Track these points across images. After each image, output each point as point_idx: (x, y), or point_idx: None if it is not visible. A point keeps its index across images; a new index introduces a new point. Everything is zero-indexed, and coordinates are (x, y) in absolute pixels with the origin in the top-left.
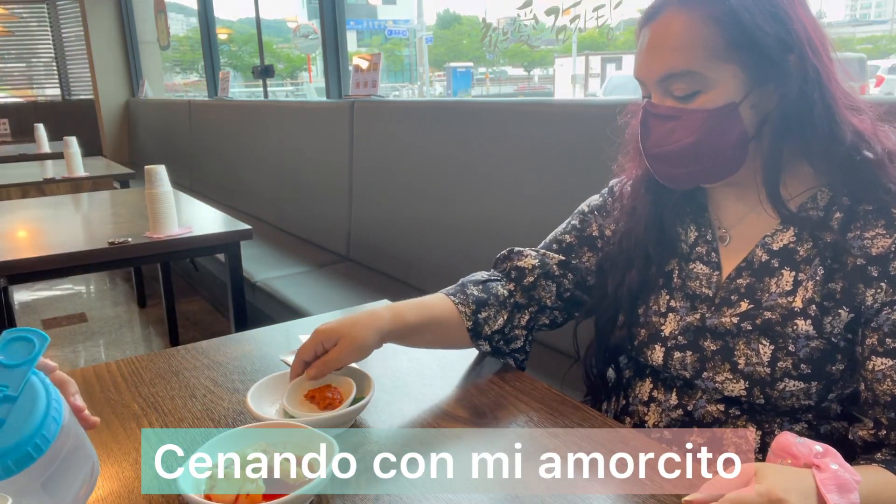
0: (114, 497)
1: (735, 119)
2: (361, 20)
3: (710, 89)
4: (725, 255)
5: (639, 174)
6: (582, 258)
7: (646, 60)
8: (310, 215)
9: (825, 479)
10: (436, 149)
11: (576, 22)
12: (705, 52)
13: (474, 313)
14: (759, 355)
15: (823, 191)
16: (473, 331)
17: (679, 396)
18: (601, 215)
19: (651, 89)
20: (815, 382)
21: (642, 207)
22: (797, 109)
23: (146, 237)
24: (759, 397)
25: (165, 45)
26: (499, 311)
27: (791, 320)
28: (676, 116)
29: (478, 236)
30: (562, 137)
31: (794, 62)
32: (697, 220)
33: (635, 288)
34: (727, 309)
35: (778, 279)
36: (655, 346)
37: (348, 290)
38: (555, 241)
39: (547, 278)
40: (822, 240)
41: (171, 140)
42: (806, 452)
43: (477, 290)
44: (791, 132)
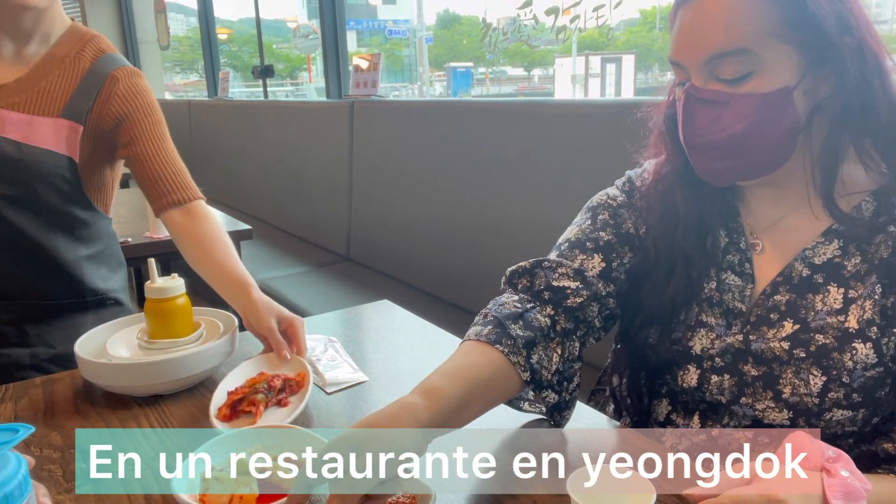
0: (113, 497)
1: (788, 106)
2: (361, 20)
3: (764, 71)
4: (758, 265)
5: (671, 169)
6: (623, 259)
7: (690, 39)
8: (310, 215)
9: (833, 485)
10: (436, 149)
11: (576, 22)
12: (760, 29)
13: (528, 360)
14: (808, 386)
15: (868, 200)
16: (533, 381)
17: (702, 420)
18: (632, 212)
19: (693, 72)
20: (863, 409)
21: (681, 206)
22: (858, 97)
23: (146, 237)
24: (802, 426)
25: (165, 45)
26: (549, 348)
27: (848, 343)
28: (725, 101)
29: (478, 236)
30: (562, 137)
31: (853, 45)
32: (728, 224)
33: (680, 298)
34: (769, 330)
35: (824, 296)
36: (689, 367)
37: (348, 290)
38: (587, 240)
39: (594, 300)
40: (873, 254)
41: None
42: (818, 455)
43: (519, 328)
44: (850, 123)
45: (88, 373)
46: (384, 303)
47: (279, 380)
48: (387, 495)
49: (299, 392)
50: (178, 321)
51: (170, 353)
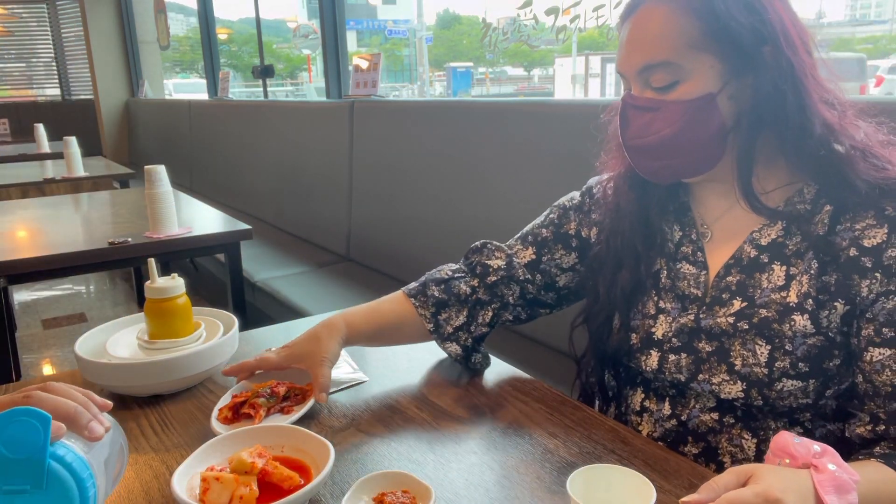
0: (113, 497)
1: (713, 110)
2: (361, 20)
3: (688, 80)
4: (711, 252)
5: (622, 171)
6: (554, 255)
7: (626, 52)
8: (310, 215)
9: (823, 479)
10: (435, 149)
11: (576, 22)
12: (682, 42)
13: (434, 315)
14: (755, 356)
15: (809, 185)
16: (436, 332)
17: (672, 406)
18: (579, 215)
19: (631, 82)
20: (813, 380)
21: (626, 205)
22: (770, 102)
23: (146, 237)
24: (756, 398)
25: (165, 45)
26: (459, 310)
27: (787, 316)
28: (655, 108)
29: (477, 236)
30: (562, 137)
31: (769, 54)
32: (681, 219)
33: (628, 288)
34: (720, 308)
35: (769, 274)
36: (651, 352)
37: (348, 290)
38: (531, 234)
39: (511, 280)
40: (812, 233)
41: (171, 140)
42: (804, 452)
43: (438, 290)
44: (763, 125)
45: (88, 373)
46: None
47: (284, 387)
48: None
49: (304, 402)
50: (178, 321)
51: (170, 353)
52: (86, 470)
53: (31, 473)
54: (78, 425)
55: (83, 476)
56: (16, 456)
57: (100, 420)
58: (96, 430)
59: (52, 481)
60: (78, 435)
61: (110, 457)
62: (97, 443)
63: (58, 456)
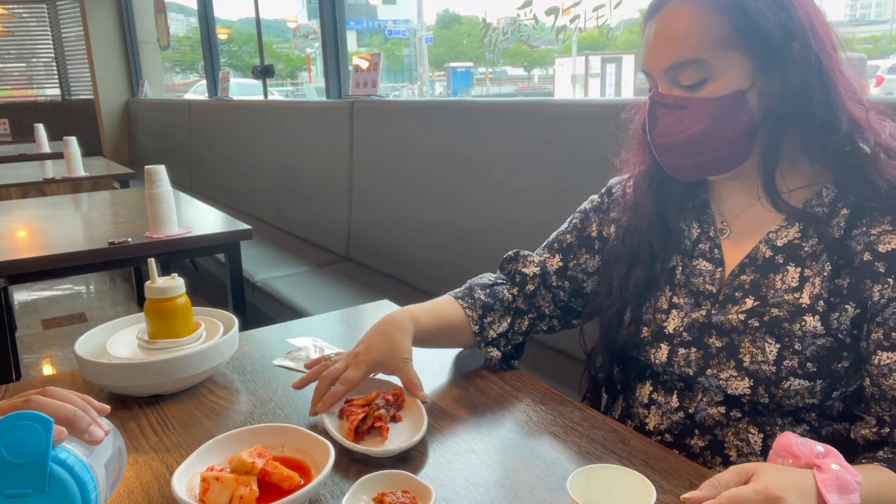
0: (113, 497)
1: (743, 107)
2: (361, 20)
3: (718, 77)
4: (727, 249)
5: (642, 169)
6: (580, 260)
7: (653, 51)
8: (310, 215)
9: (826, 479)
10: (435, 149)
11: (576, 22)
12: (712, 40)
13: (481, 318)
14: (764, 354)
15: (829, 187)
16: (480, 335)
17: (680, 399)
18: (598, 215)
19: (658, 80)
20: (820, 381)
21: (645, 203)
22: (797, 98)
23: (146, 237)
24: (763, 396)
25: (165, 45)
26: (503, 316)
27: (799, 317)
28: (684, 106)
29: (478, 236)
30: (562, 137)
31: (798, 50)
32: (700, 216)
33: (641, 284)
34: (732, 306)
35: (783, 275)
36: (661, 345)
37: (348, 290)
38: (556, 241)
39: (545, 287)
40: (828, 236)
41: (171, 140)
42: (807, 452)
43: (484, 294)
44: (790, 121)
45: (88, 373)
46: (384, 303)
47: (389, 394)
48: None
49: (404, 406)
50: (178, 321)
51: (170, 353)
52: (87, 473)
53: (33, 477)
54: (78, 429)
55: (85, 479)
56: (18, 460)
57: (99, 424)
58: (96, 433)
59: (55, 485)
60: (78, 439)
61: (110, 460)
62: (97, 446)
63: (60, 459)
